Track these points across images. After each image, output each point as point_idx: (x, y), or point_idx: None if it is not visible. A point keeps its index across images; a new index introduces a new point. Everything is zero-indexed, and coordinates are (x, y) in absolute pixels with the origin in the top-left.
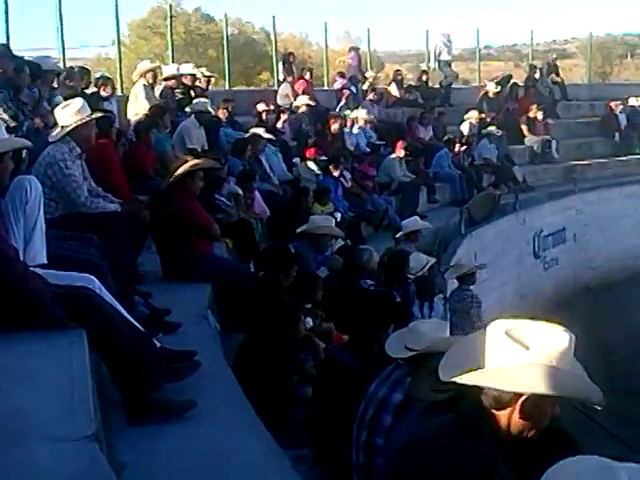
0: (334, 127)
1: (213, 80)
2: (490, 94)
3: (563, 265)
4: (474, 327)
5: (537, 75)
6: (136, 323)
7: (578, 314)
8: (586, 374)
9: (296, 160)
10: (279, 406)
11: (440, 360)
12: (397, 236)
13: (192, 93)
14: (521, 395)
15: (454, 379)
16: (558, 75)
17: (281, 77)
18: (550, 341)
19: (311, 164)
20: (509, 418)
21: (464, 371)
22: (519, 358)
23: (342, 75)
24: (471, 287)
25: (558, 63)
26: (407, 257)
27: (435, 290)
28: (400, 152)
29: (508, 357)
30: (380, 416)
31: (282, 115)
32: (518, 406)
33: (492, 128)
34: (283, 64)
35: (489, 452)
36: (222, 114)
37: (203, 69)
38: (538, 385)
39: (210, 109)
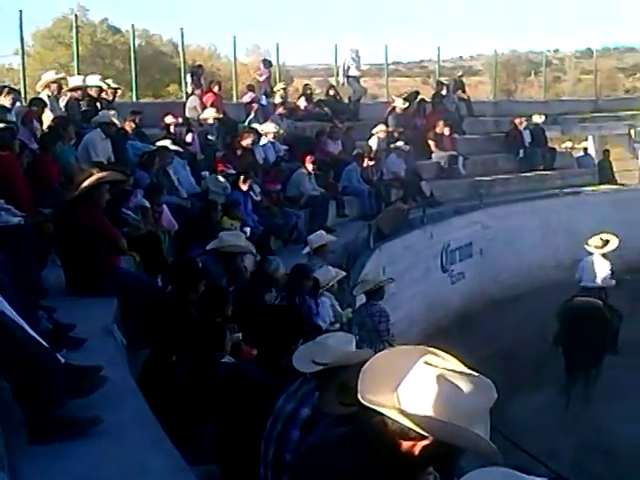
0: (246, 142)
1: (120, 92)
2: (398, 110)
3: (470, 279)
4: (383, 342)
5: (444, 91)
6: (39, 338)
7: (484, 326)
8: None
9: (205, 173)
10: (192, 424)
11: (348, 374)
12: (304, 252)
13: (98, 105)
14: (427, 437)
15: (373, 406)
16: (464, 92)
17: (189, 90)
18: (477, 398)
19: (219, 177)
20: (410, 449)
21: (382, 395)
22: (441, 410)
23: (251, 88)
24: (379, 302)
25: (464, 80)
26: (308, 271)
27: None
28: (309, 166)
29: (432, 402)
30: (288, 431)
31: (191, 128)
32: (420, 445)
33: (400, 143)
34: (191, 76)
35: (380, 473)
36: (129, 126)
37: (109, 81)
38: (449, 437)
39: (116, 121)
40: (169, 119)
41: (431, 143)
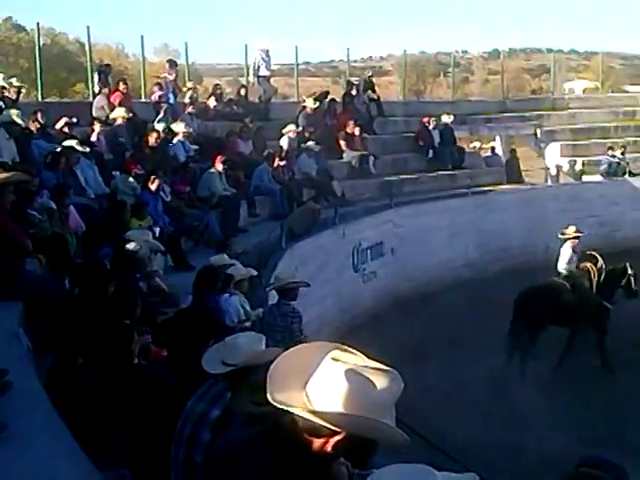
0: (151, 140)
1: (24, 91)
2: (309, 109)
3: (381, 278)
4: (296, 341)
5: (354, 91)
6: None
7: (396, 325)
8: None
9: (115, 173)
10: (102, 428)
11: (259, 373)
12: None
13: (1, 104)
14: (338, 433)
15: (283, 406)
16: (374, 92)
17: (96, 89)
18: (384, 390)
19: (129, 178)
20: (323, 446)
21: (291, 393)
22: (351, 404)
23: (159, 87)
24: (291, 302)
25: (374, 80)
26: (216, 271)
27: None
28: (219, 166)
29: (342, 397)
30: (198, 433)
31: (96, 127)
32: (333, 441)
33: (311, 143)
34: (99, 75)
35: (292, 472)
36: (33, 126)
37: (13, 79)
38: (362, 431)
39: (20, 120)
40: (61, 122)
41: (342, 143)
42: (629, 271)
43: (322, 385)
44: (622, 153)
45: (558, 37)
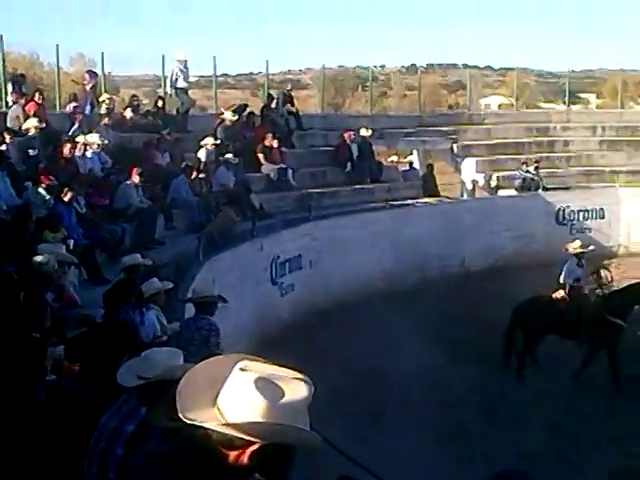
0: (65, 151)
1: None
2: (227, 122)
3: (299, 290)
4: (213, 355)
5: (273, 104)
6: None
7: (315, 338)
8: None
9: (28, 184)
10: (10, 446)
11: (175, 388)
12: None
13: None
14: (254, 443)
15: (194, 422)
16: (293, 105)
17: (10, 99)
18: (295, 395)
19: (41, 189)
20: (238, 457)
21: (202, 408)
22: (263, 412)
23: (74, 98)
24: (208, 316)
25: (293, 93)
26: (131, 285)
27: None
28: (135, 178)
29: (254, 406)
30: (112, 449)
31: (6, 138)
32: (248, 452)
33: (229, 155)
34: (13, 86)
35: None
36: None
37: None
38: (277, 437)
39: None
40: None
41: (260, 156)
42: None
43: (232, 396)
44: (536, 168)
45: (474, 53)
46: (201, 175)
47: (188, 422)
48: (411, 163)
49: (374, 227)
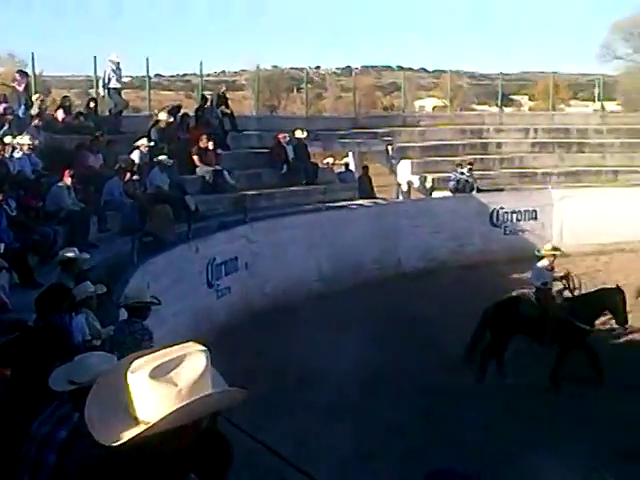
0: None
1: None
2: (161, 123)
3: (235, 293)
4: None
5: (207, 106)
6: None
7: (251, 340)
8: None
9: None
10: None
11: None
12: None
13: None
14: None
15: (121, 442)
16: (228, 106)
17: None
18: (195, 367)
19: None
20: (176, 446)
21: (118, 424)
22: (170, 400)
23: (5, 99)
24: (140, 320)
25: (228, 94)
26: (64, 290)
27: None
28: (67, 180)
29: (158, 401)
30: (44, 455)
31: None
32: (184, 439)
33: (163, 157)
34: None
35: None
36: None
37: None
38: (200, 411)
39: None
40: None
41: (195, 157)
42: (617, 295)
43: (139, 400)
44: (469, 170)
45: (408, 56)
46: (135, 177)
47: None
48: (347, 165)
49: (310, 229)
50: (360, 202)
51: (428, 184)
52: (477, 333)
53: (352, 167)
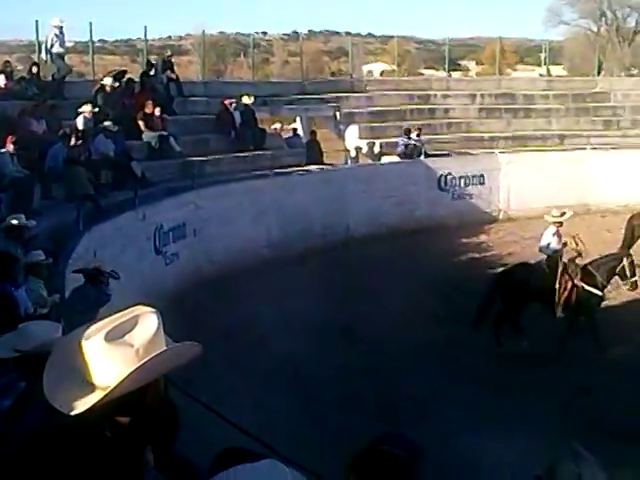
0: None
1: None
2: (106, 89)
3: (184, 260)
4: None
5: (153, 71)
6: None
7: (200, 307)
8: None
9: None
10: None
11: None
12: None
13: None
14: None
15: (82, 409)
16: (173, 71)
17: None
18: (147, 331)
19: None
20: (142, 401)
21: (77, 392)
22: (128, 361)
23: None
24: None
25: (173, 60)
26: (10, 257)
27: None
28: (10, 146)
29: (116, 364)
30: None
31: None
32: (147, 399)
33: (108, 123)
34: None
35: (107, 458)
36: None
37: None
38: (157, 369)
39: None
40: None
41: (140, 123)
42: (625, 260)
43: (96, 366)
44: (418, 135)
45: (356, 21)
46: (79, 143)
47: (74, 414)
48: (295, 130)
49: (258, 195)
50: (308, 168)
51: (376, 149)
52: (485, 299)
53: (300, 132)
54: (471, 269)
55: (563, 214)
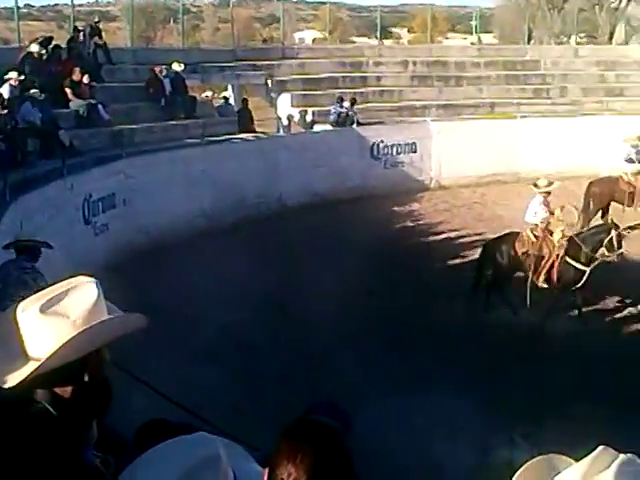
0: None
1: None
2: (32, 56)
3: (114, 230)
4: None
5: (80, 37)
6: None
7: (132, 279)
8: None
9: None
10: None
11: None
12: None
13: None
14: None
15: (17, 381)
16: (101, 38)
17: None
18: (85, 302)
19: None
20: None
21: (12, 364)
22: (65, 332)
23: None
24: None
25: (101, 26)
26: None
27: None
28: None
29: (53, 335)
30: None
31: None
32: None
33: (34, 91)
34: None
35: (55, 431)
36: None
37: None
38: (99, 340)
39: None
40: None
41: (68, 91)
42: (612, 231)
43: (34, 337)
44: (352, 104)
45: None
46: (5, 112)
47: (9, 387)
48: (226, 98)
49: (190, 164)
50: (240, 136)
51: (308, 118)
52: (479, 268)
53: (231, 100)
54: (404, 239)
55: (551, 184)
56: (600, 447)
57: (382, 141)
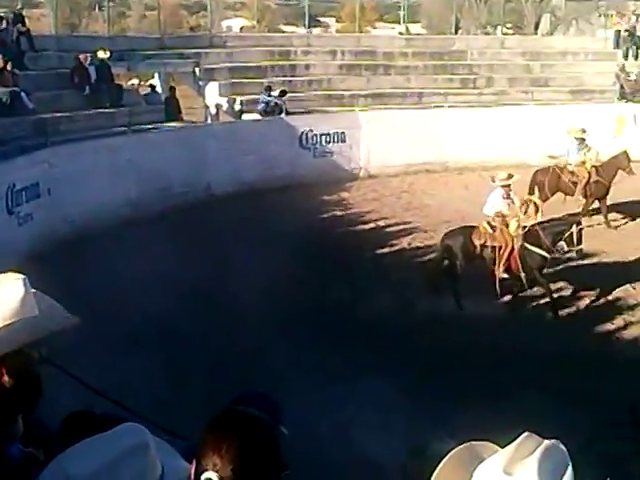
0: None
1: None
2: None
3: (38, 220)
4: None
5: (3, 24)
6: None
7: (56, 269)
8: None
9: None
10: None
11: None
12: None
13: None
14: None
15: None
16: (24, 25)
17: None
18: (12, 295)
19: None
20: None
21: None
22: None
23: None
24: None
25: (24, 12)
26: None
27: None
28: None
29: None
30: None
31: None
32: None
33: None
34: None
35: None
36: None
37: None
38: (29, 333)
39: None
40: None
41: None
42: (574, 226)
43: None
44: (282, 95)
45: None
46: None
47: None
48: (153, 86)
49: (115, 153)
50: (167, 125)
51: (237, 107)
52: (436, 262)
53: (158, 89)
54: (333, 228)
55: (510, 177)
56: (525, 434)
57: (311, 130)
